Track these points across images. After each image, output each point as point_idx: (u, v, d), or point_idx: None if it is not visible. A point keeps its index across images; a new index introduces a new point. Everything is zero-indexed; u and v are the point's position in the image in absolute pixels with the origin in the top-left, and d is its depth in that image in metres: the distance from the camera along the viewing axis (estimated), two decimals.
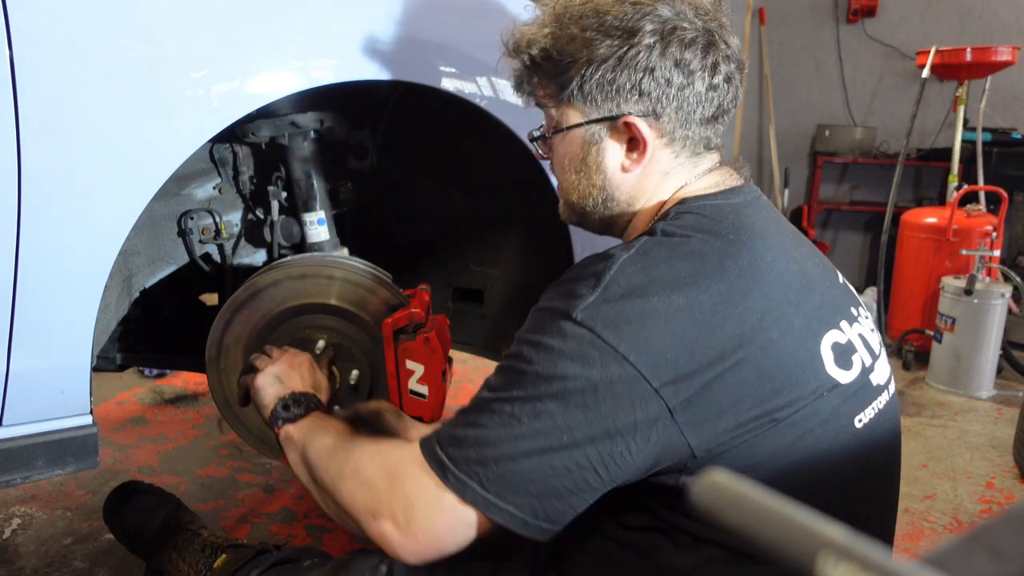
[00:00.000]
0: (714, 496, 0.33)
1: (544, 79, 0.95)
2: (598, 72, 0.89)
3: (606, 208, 0.97)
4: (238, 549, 1.48)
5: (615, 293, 0.80)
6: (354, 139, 1.51)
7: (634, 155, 0.93)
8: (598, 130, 0.93)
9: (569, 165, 0.97)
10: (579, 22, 0.90)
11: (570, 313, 0.80)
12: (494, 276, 1.66)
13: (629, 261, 0.82)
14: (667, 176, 0.94)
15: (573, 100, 0.92)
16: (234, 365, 1.30)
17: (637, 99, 0.89)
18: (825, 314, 0.89)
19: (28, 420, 1.06)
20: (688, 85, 0.89)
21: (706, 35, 0.90)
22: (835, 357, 0.87)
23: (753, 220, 0.90)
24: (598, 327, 0.78)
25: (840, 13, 4.65)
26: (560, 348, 0.79)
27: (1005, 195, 3.20)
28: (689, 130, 0.92)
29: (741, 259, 0.84)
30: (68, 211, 1.00)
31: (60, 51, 0.96)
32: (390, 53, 1.20)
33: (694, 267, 0.82)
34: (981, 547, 0.32)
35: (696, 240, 0.85)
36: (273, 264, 1.34)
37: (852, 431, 0.88)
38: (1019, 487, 2.27)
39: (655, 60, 0.88)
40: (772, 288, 0.84)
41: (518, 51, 0.96)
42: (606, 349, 0.77)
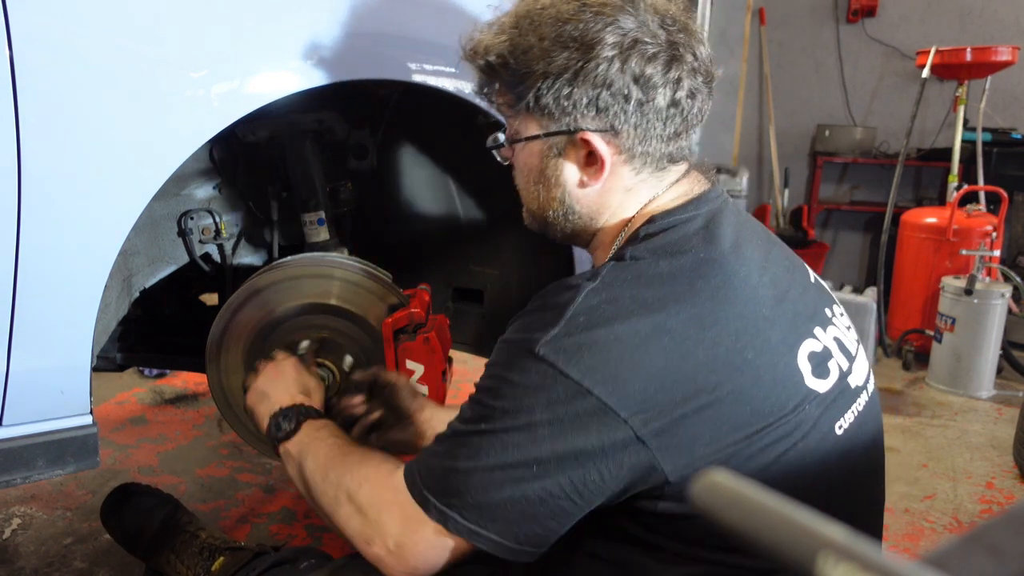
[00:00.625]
0: (714, 496, 0.33)
1: (502, 87, 0.93)
2: (554, 85, 0.86)
3: (567, 221, 0.95)
4: (236, 552, 1.48)
5: (578, 325, 0.79)
6: (354, 139, 1.51)
7: (592, 170, 0.90)
8: (555, 143, 0.90)
9: (529, 175, 0.95)
10: (537, 30, 0.86)
11: (533, 348, 0.79)
12: (494, 276, 1.66)
13: (593, 292, 0.81)
14: (630, 192, 0.92)
15: (530, 111, 0.89)
16: (234, 365, 1.30)
17: (594, 114, 0.86)
18: (800, 323, 0.88)
19: (28, 420, 1.06)
20: (648, 101, 0.86)
21: (670, 49, 0.86)
22: (812, 368, 0.85)
23: (723, 230, 0.88)
24: (560, 362, 0.77)
25: (840, 13, 4.65)
26: (524, 384, 0.79)
27: (1005, 195, 3.21)
28: (649, 146, 0.89)
29: (713, 278, 0.82)
30: (68, 211, 1.00)
31: (60, 51, 0.96)
32: (390, 53, 1.20)
33: (661, 292, 0.81)
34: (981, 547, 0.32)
35: (664, 263, 0.83)
36: (273, 264, 1.34)
37: (833, 439, 0.86)
38: (1019, 487, 2.27)
39: (613, 75, 0.84)
40: (746, 305, 0.83)
41: (475, 56, 0.93)
42: (569, 384, 0.77)
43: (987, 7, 4.31)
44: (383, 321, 1.23)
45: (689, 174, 0.95)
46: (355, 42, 1.16)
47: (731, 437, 0.79)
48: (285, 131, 1.39)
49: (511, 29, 0.89)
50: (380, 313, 1.26)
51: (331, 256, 1.40)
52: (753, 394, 0.80)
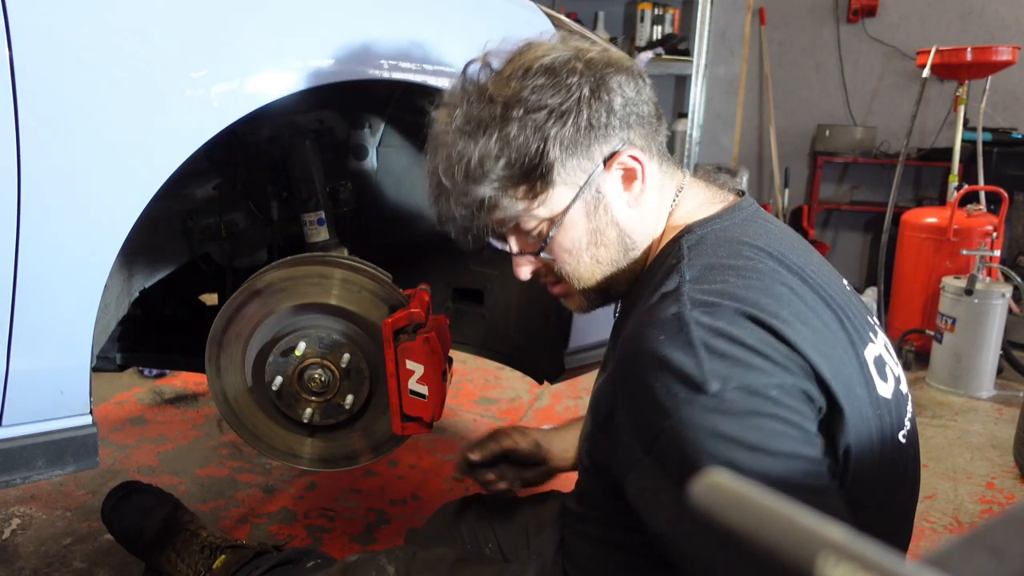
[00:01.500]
0: (714, 496, 0.33)
1: (512, 188, 0.89)
2: (568, 138, 0.86)
3: (627, 257, 0.93)
4: (237, 550, 1.48)
5: (720, 345, 0.74)
6: (354, 139, 1.51)
7: (634, 184, 0.90)
8: (594, 186, 0.89)
9: (578, 250, 0.92)
10: (507, 114, 0.86)
11: (705, 389, 0.72)
12: (494, 276, 1.66)
13: (698, 316, 0.76)
14: (662, 190, 0.93)
15: (557, 181, 0.88)
16: (234, 365, 1.30)
17: (606, 137, 0.88)
18: (859, 328, 0.86)
19: (28, 420, 1.06)
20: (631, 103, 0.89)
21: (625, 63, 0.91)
22: (878, 373, 0.85)
23: (767, 239, 0.87)
24: (743, 379, 0.73)
25: (840, 13, 4.65)
26: (727, 426, 0.72)
27: (1005, 195, 3.20)
28: (653, 140, 0.92)
29: (781, 287, 0.81)
30: (68, 211, 1.00)
31: (60, 51, 0.96)
32: (390, 53, 1.20)
33: (754, 294, 0.78)
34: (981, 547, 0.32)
35: (732, 276, 0.81)
36: (273, 264, 1.34)
37: (900, 447, 0.86)
38: (1019, 487, 2.27)
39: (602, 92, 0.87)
40: (815, 310, 0.81)
41: (472, 181, 0.88)
42: (767, 388, 0.73)
43: (987, 7, 4.31)
44: (383, 321, 1.23)
45: (695, 180, 0.96)
46: (355, 42, 1.16)
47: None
48: (285, 131, 1.39)
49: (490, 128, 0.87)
50: (380, 313, 1.26)
51: (331, 256, 1.40)
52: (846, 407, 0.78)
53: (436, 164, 0.91)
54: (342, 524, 1.90)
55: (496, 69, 0.90)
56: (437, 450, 2.28)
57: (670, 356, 0.74)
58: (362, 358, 1.27)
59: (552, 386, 1.69)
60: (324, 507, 1.97)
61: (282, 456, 1.35)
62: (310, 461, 1.36)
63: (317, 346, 1.26)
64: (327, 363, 1.26)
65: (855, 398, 0.79)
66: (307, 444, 1.35)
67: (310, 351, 1.26)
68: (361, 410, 1.29)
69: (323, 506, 1.97)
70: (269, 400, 1.29)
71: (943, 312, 3.04)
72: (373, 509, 1.97)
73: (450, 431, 2.44)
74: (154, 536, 1.55)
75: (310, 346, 1.26)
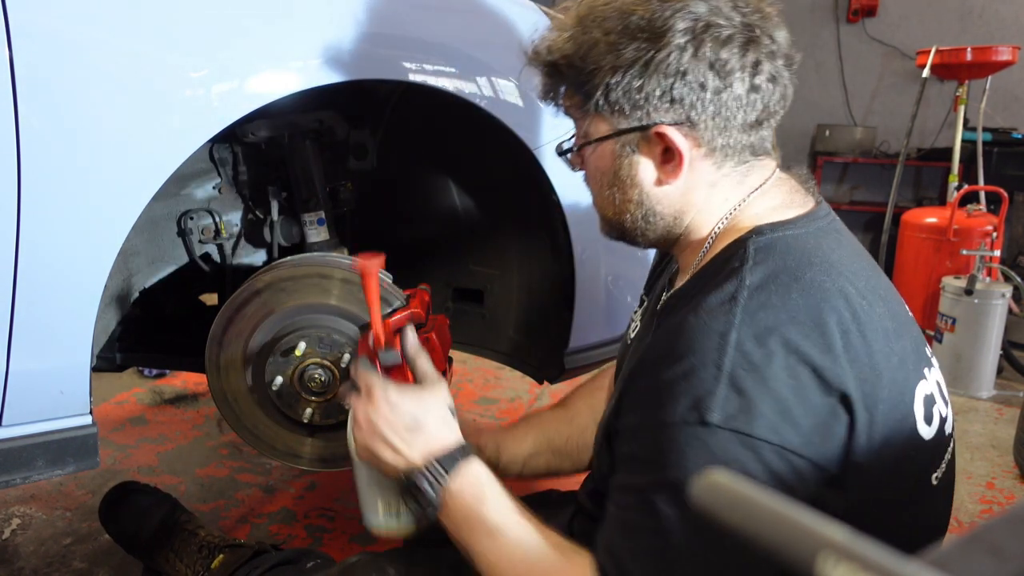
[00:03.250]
0: (715, 496, 0.33)
1: (569, 88, 0.88)
2: (624, 79, 0.80)
3: (648, 223, 0.89)
4: (235, 549, 1.48)
5: (742, 380, 0.72)
6: (354, 139, 1.51)
7: (670, 167, 0.84)
8: (629, 141, 0.85)
9: (602, 179, 0.89)
10: (602, 25, 0.82)
11: (705, 417, 0.72)
12: (494, 276, 1.66)
13: (743, 339, 0.73)
14: (714, 187, 0.86)
15: (600, 110, 0.84)
16: (234, 365, 1.30)
17: (668, 107, 0.81)
18: (914, 362, 0.83)
19: (28, 420, 1.06)
20: (726, 88, 0.80)
21: (745, 31, 0.80)
22: (924, 412, 0.81)
23: (839, 256, 0.82)
24: (742, 425, 0.71)
25: (840, 13, 4.65)
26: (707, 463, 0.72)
27: (1005, 195, 3.20)
28: (730, 137, 0.83)
29: (846, 311, 0.77)
30: (68, 211, 1.00)
31: (60, 51, 0.96)
32: (390, 53, 1.20)
33: (805, 328, 0.75)
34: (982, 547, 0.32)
35: (795, 293, 0.76)
36: (273, 264, 1.34)
37: (930, 489, 0.84)
38: (1019, 487, 2.27)
39: (687, 63, 0.79)
40: (876, 342, 0.78)
41: (538, 59, 0.88)
42: (758, 444, 0.72)
43: (987, 7, 4.31)
44: (383, 321, 1.23)
45: (784, 181, 0.90)
46: (355, 42, 1.16)
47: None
48: (285, 131, 1.39)
49: (574, 27, 0.84)
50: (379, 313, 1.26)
51: (331, 256, 1.40)
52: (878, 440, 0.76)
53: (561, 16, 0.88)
54: (342, 524, 1.90)
55: None
56: None
57: (697, 369, 0.74)
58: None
59: (552, 386, 1.69)
60: (324, 507, 1.97)
61: (282, 456, 1.35)
62: (310, 461, 1.36)
63: (317, 346, 1.26)
64: (327, 363, 1.26)
65: (889, 440, 0.77)
66: (307, 444, 1.35)
67: (310, 351, 1.26)
68: None
69: (323, 506, 1.97)
70: (269, 400, 1.29)
71: (943, 312, 3.04)
72: None
73: None
74: (152, 536, 1.55)
75: (310, 346, 1.26)
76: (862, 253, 0.88)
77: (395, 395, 0.94)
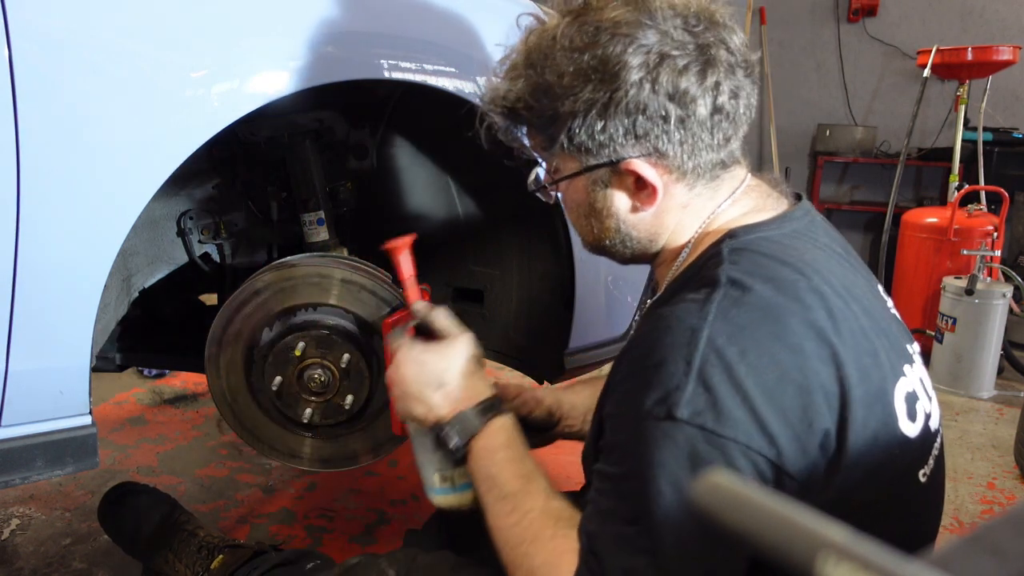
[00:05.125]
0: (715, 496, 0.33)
1: (531, 129, 0.89)
2: (585, 121, 0.81)
3: (625, 247, 0.91)
4: (235, 550, 1.48)
5: (712, 376, 0.72)
6: (354, 139, 1.51)
7: (644, 194, 0.85)
8: (599, 176, 0.86)
9: (578, 209, 0.91)
10: (554, 67, 0.81)
11: (673, 412, 0.72)
12: (494, 276, 1.66)
13: (714, 335, 0.73)
14: (687, 208, 0.87)
15: (566, 150, 0.85)
16: (233, 365, 1.30)
17: (635, 142, 0.81)
18: (894, 358, 0.82)
19: (27, 420, 1.06)
20: (689, 116, 0.80)
21: (701, 54, 0.80)
22: (906, 410, 0.81)
23: (814, 256, 0.82)
24: (708, 422, 0.71)
25: (841, 12, 4.65)
26: (674, 457, 0.72)
27: (1006, 195, 3.20)
28: (699, 159, 0.83)
29: (820, 310, 0.77)
30: (68, 211, 1.00)
31: (59, 51, 0.96)
32: (390, 53, 1.20)
33: (778, 327, 0.75)
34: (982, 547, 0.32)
35: (770, 291, 0.76)
36: (272, 264, 1.34)
37: (917, 487, 0.83)
38: (1020, 487, 2.27)
39: (646, 98, 0.79)
40: (854, 340, 0.78)
41: (494, 105, 0.89)
42: (725, 443, 0.71)
43: (988, 6, 4.31)
44: (383, 321, 1.23)
45: (755, 186, 0.90)
46: (355, 42, 1.16)
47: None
48: (285, 131, 1.39)
49: (526, 70, 0.84)
50: (380, 313, 1.26)
51: (331, 256, 1.40)
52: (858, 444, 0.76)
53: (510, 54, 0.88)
54: (342, 524, 1.90)
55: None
56: None
57: (667, 363, 0.74)
58: (362, 358, 1.27)
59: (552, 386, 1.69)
60: (324, 507, 1.97)
61: (282, 456, 1.35)
62: (310, 461, 1.36)
63: (317, 346, 1.26)
64: (327, 363, 1.26)
65: (870, 439, 0.76)
66: (307, 444, 1.35)
67: (310, 351, 1.26)
68: (361, 410, 1.29)
69: (323, 506, 1.97)
70: (269, 400, 1.29)
71: (943, 312, 3.03)
72: (373, 509, 1.97)
73: None
74: (151, 537, 1.55)
75: (310, 346, 1.26)
76: (840, 253, 0.89)
77: (421, 354, 0.97)
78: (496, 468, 0.89)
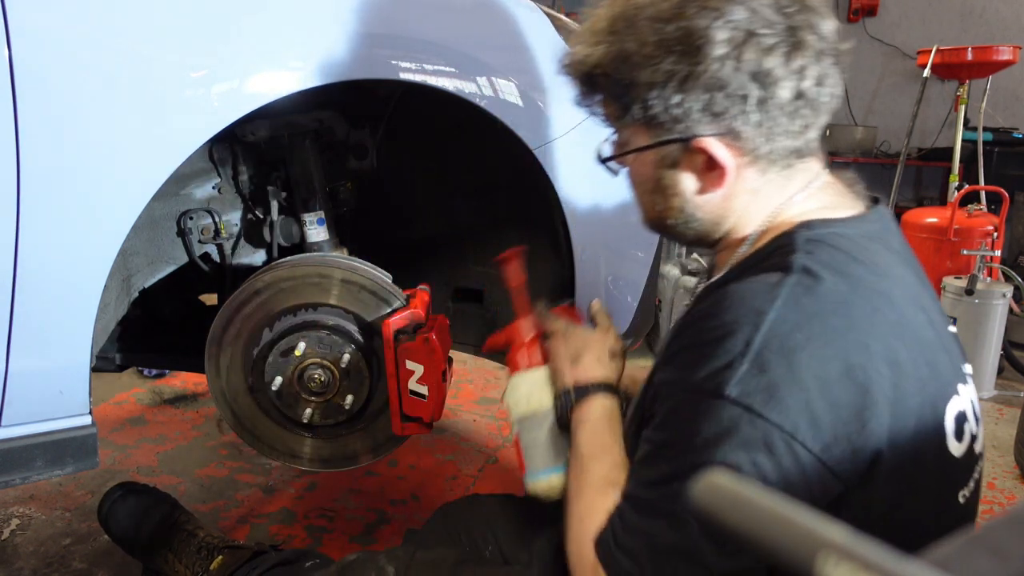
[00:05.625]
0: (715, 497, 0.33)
1: (606, 98, 0.87)
2: (663, 93, 0.78)
3: (688, 227, 0.89)
4: (235, 550, 1.48)
5: (769, 361, 0.71)
6: (354, 139, 1.51)
7: (713, 175, 0.83)
8: (670, 153, 0.83)
9: (644, 185, 0.89)
10: (637, 35, 0.79)
11: (722, 389, 0.71)
12: (494, 276, 1.66)
13: (780, 320, 0.72)
14: (756, 194, 0.84)
15: (639, 121, 0.83)
16: (233, 365, 1.30)
17: (710, 119, 0.79)
18: (951, 376, 0.81)
19: (27, 420, 1.06)
20: (770, 97, 0.77)
21: (789, 36, 0.76)
22: (955, 429, 0.79)
23: (887, 260, 0.81)
24: (756, 403, 0.70)
25: (841, 12, 4.65)
26: (716, 432, 0.72)
27: (1006, 195, 3.20)
28: (775, 144, 0.81)
29: (890, 314, 0.75)
30: (68, 211, 1.00)
31: (59, 51, 0.96)
32: (390, 53, 1.20)
33: (847, 321, 0.73)
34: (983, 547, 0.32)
35: (844, 285, 0.75)
36: (272, 264, 1.34)
37: (956, 507, 0.82)
38: (1020, 487, 2.27)
39: (728, 75, 0.76)
40: (917, 347, 0.77)
41: (572, 69, 0.87)
42: (769, 429, 0.70)
43: (988, 6, 4.31)
44: (383, 321, 1.23)
45: (831, 183, 0.88)
46: (355, 42, 1.16)
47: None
48: (285, 131, 1.39)
49: (608, 36, 0.82)
50: (380, 313, 1.26)
51: (331, 256, 1.40)
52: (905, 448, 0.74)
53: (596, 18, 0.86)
54: (342, 524, 1.90)
55: None
56: (437, 450, 2.28)
57: (727, 339, 0.73)
58: (362, 358, 1.27)
59: None
60: (324, 507, 1.97)
61: (282, 456, 1.35)
62: (310, 461, 1.36)
63: (317, 346, 1.26)
64: (327, 363, 1.26)
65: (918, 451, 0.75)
66: (307, 444, 1.35)
67: (310, 351, 1.26)
68: (361, 410, 1.29)
69: (323, 506, 1.97)
70: (269, 400, 1.29)
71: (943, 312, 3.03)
72: (373, 509, 1.97)
73: (450, 431, 2.44)
74: (151, 537, 1.55)
75: (310, 346, 1.26)
76: (910, 262, 0.86)
77: (572, 334, 1.07)
78: (583, 436, 0.95)
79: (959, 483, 0.82)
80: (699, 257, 3.25)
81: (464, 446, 2.34)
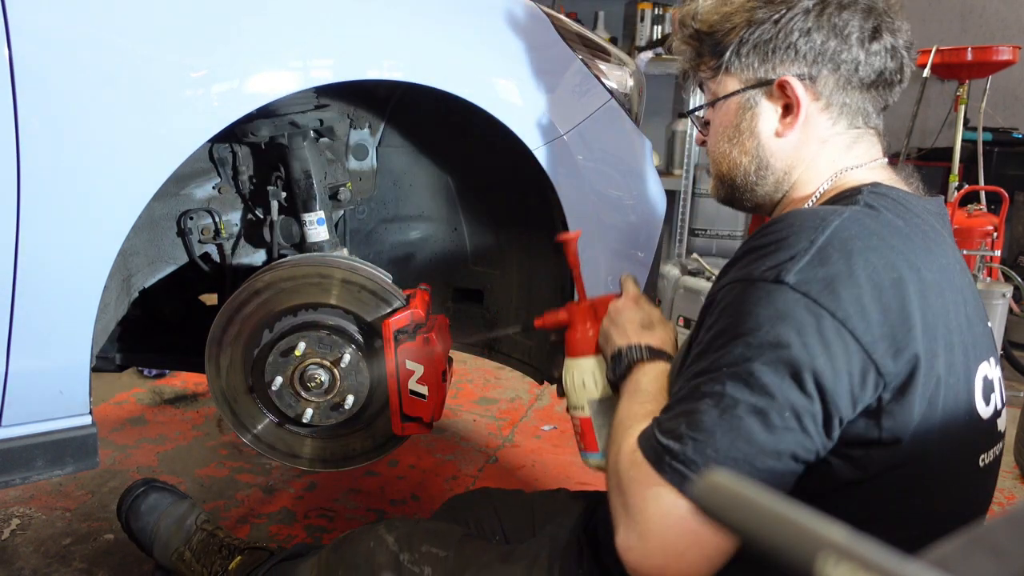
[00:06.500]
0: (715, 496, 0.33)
1: (706, 54, 0.97)
2: (754, 35, 0.91)
3: (759, 177, 0.96)
4: (254, 552, 1.50)
5: (830, 256, 0.76)
6: (354, 139, 1.51)
7: (788, 119, 0.93)
8: (754, 95, 0.94)
9: (723, 134, 0.98)
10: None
11: (781, 277, 0.76)
12: (494, 276, 1.66)
13: (842, 226, 0.78)
14: (824, 144, 0.93)
15: (731, 67, 0.94)
16: (234, 365, 1.30)
17: (792, 60, 0.91)
18: (986, 343, 0.88)
19: (27, 420, 1.06)
20: (845, 49, 0.89)
21: (868, 2, 0.90)
22: (983, 390, 0.85)
23: (939, 232, 0.88)
24: (814, 292, 0.74)
25: None
26: (772, 315, 0.75)
27: (1006, 195, 3.20)
28: (847, 95, 0.92)
29: (942, 258, 0.83)
30: (68, 211, 1.00)
31: (59, 51, 0.96)
32: (390, 53, 1.20)
33: (908, 245, 0.80)
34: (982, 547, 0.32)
35: (901, 223, 0.82)
36: (272, 264, 1.34)
37: (975, 471, 0.86)
38: (1020, 487, 2.27)
39: (811, 22, 0.89)
40: (954, 297, 0.83)
41: (684, 25, 0.99)
42: (822, 314, 0.74)
43: (988, 6, 4.31)
44: (383, 321, 1.23)
45: (889, 169, 0.96)
46: (355, 42, 1.16)
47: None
48: (285, 131, 1.39)
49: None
50: (380, 313, 1.26)
51: (331, 256, 1.40)
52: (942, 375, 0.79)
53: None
54: (342, 524, 1.90)
55: None
56: (437, 450, 2.28)
57: (790, 239, 0.78)
58: (362, 358, 1.27)
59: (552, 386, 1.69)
60: (324, 507, 1.97)
61: (282, 456, 1.36)
62: (310, 461, 1.36)
63: (317, 346, 1.26)
64: (327, 363, 1.26)
65: (948, 396, 0.79)
66: (307, 444, 1.35)
67: (310, 351, 1.26)
68: (361, 410, 1.29)
69: (323, 506, 1.97)
70: (269, 400, 1.29)
71: None
72: (373, 509, 1.97)
73: (450, 431, 2.44)
74: (170, 533, 1.56)
75: (310, 346, 1.26)
76: (957, 256, 0.91)
77: (643, 302, 1.12)
78: (631, 386, 0.99)
79: (981, 445, 0.85)
80: (699, 257, 3.25)
81: (464, 446, 2.34)
